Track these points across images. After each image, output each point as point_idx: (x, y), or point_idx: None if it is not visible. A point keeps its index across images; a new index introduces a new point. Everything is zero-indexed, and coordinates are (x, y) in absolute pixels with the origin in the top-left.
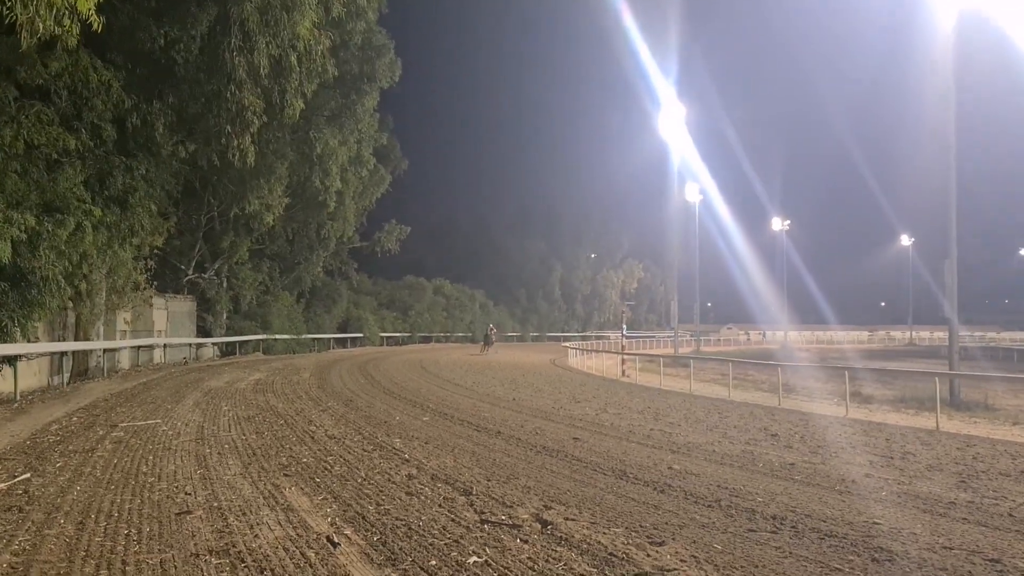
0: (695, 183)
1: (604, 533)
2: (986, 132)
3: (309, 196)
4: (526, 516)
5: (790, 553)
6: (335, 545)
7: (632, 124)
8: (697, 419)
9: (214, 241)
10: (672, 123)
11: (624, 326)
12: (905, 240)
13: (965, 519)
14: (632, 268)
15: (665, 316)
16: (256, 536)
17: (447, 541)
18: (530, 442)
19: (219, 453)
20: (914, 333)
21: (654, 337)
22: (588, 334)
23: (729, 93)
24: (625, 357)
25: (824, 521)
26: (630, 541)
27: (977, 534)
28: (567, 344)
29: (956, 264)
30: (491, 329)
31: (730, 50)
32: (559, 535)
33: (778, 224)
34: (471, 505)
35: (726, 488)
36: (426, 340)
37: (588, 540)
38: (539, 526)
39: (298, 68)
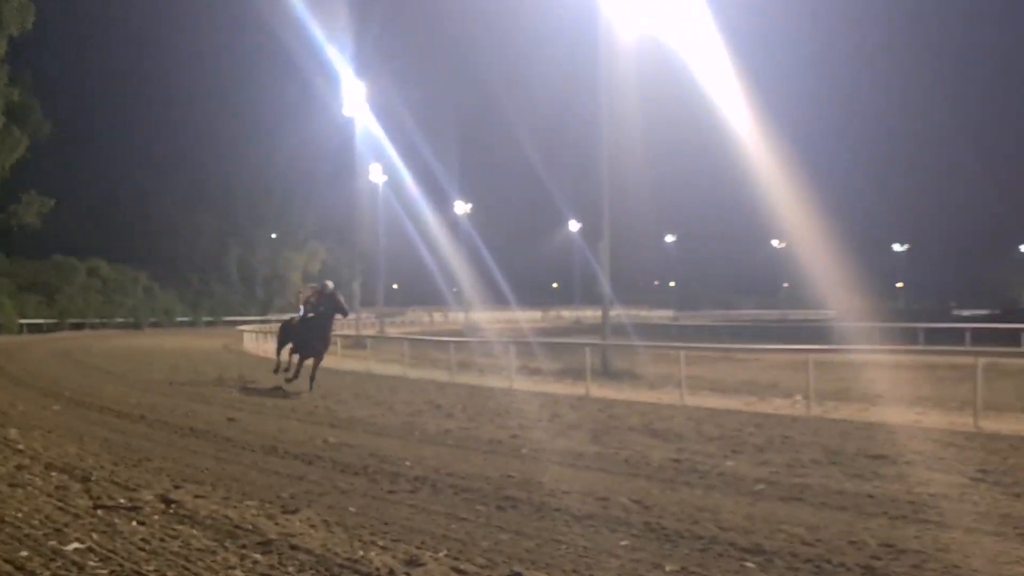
0: (379, 164)
1: (235, 507)
2: (656, 134)
3: None
4: (150, 498)
5: (423, 509)
6: None
7: (314, 98)
8: (367, 395)
9: None
10: (354, 101)
11: (302, 308)
12: (574, 225)
13: (588, 467)
14: (316, 249)
15: (350, 298)
16: None
17: (47, 531)
18: (177, 425)
19: None
20: (581, 312)
21: (338, 319)
22: (269, 318)
23: (409, 76)
24: None
25: (463, 479)
26: (262, 512)
27: (595, 478)
28: (244, 328)
29: (609, 246)
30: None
31: (409, 33)
32: (183, 513)
33: (461, 208)
34: (87, 492)
35: (377, 456)
36: (78, 327)
37: (215, 515)
38: (162, 506)
39: None
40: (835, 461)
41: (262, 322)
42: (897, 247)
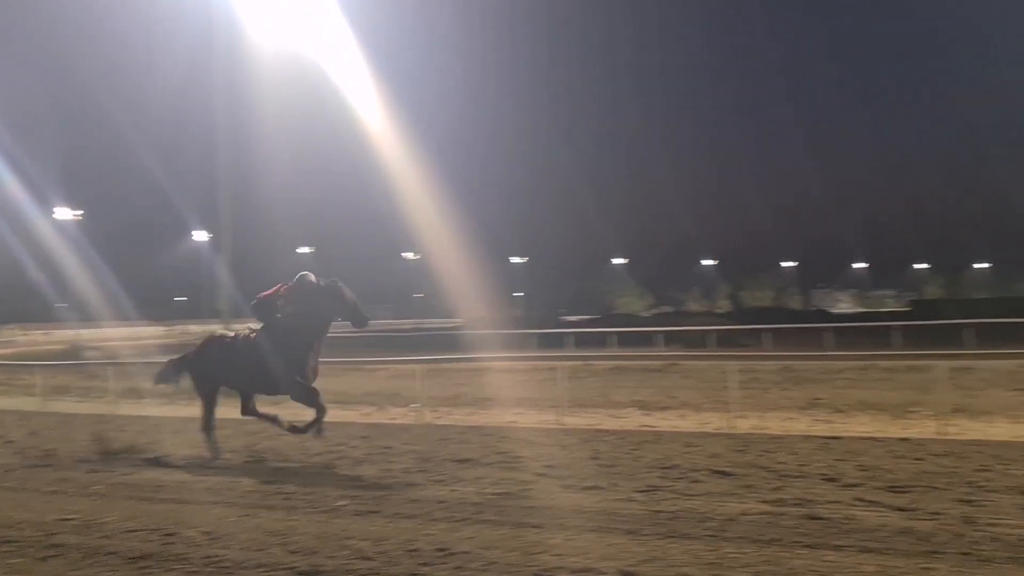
0: None
1: None
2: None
3: None
4: None
5: None
6: None
7: None
8: None
9: None
10: None
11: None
12: (202, 236)
13: (164, 498)
14: None
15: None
16: None
17: None
18: None
19: None
20: (210, 327)
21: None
22: None
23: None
24: None
25: (9, 527)
26: None
27: (167, 510)
28: None
29: (231, 257)
30: None
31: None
32: None
33: (66, 214)
34: None
35: None
36: None
37: None
38: None
39: None
40: (423, 468)
41: None
42: (516, 259)
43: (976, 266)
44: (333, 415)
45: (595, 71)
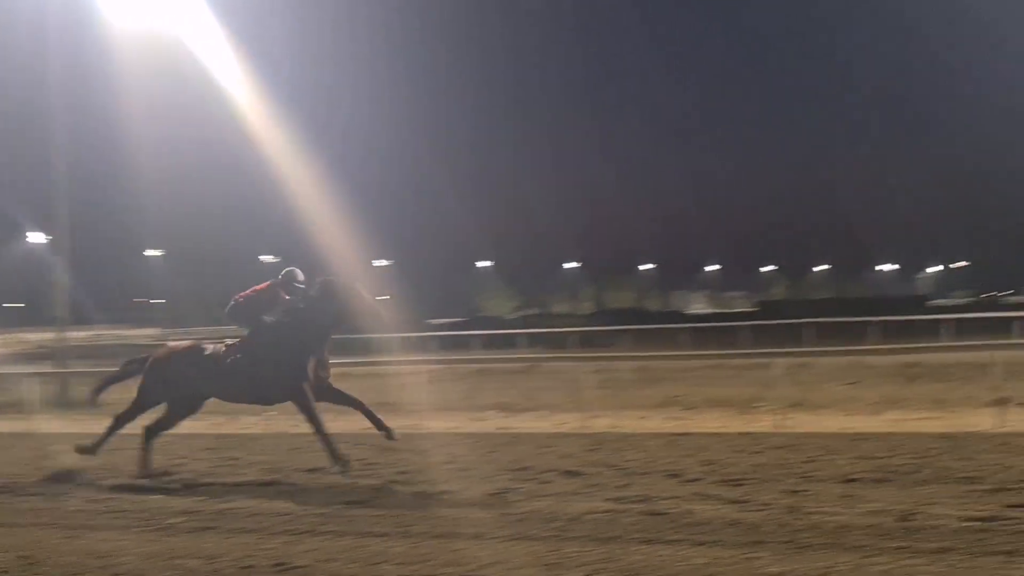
0: None
1: None
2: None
3: None
4: None
5: None
6: None
7: None
8: None
9: None
10: None
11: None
12: (39, 238)
13: None
14: None
15: None
16: None
17: None
18: None
19: None
20: (49, 334)
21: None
22: None
23: None
24: None
25: None
26: None
27: None
28: None
29: (69, 261)
30: None
31: None
32: None
33: None
34: None
35: None
36: None
37: None
38: None
39: None
40: (270, 480)
41: None
42: (382, 262)
43: (816, 269)
44: (179, 427)
45: (460, 71)
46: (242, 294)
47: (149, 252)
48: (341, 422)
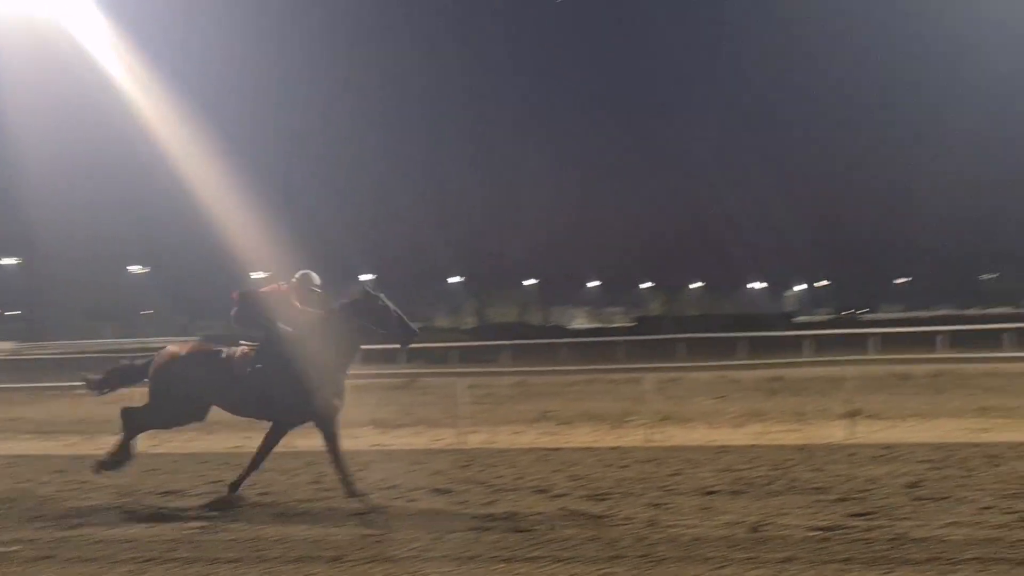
0: None
1: None
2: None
3: None
4: None
5: None
6: None
7: None
8: None
9: None
10: None
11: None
12: None
13: None
14: None
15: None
16: None
17: None
18: None
19: None
20: None
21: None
22: None
23: None
24: None
25: None
26: None
27: None
28: None
29: None
30: None
31: None
32: None
33: None
34: None
35: None
36: None
37: None
38: None
39: None
40: (119, 505)
41: None
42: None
43: (692, 286)
44: (30, 447)
45: (334, 77)
46: (243, 293)
47: (6, 260)
48: (206, 441)
